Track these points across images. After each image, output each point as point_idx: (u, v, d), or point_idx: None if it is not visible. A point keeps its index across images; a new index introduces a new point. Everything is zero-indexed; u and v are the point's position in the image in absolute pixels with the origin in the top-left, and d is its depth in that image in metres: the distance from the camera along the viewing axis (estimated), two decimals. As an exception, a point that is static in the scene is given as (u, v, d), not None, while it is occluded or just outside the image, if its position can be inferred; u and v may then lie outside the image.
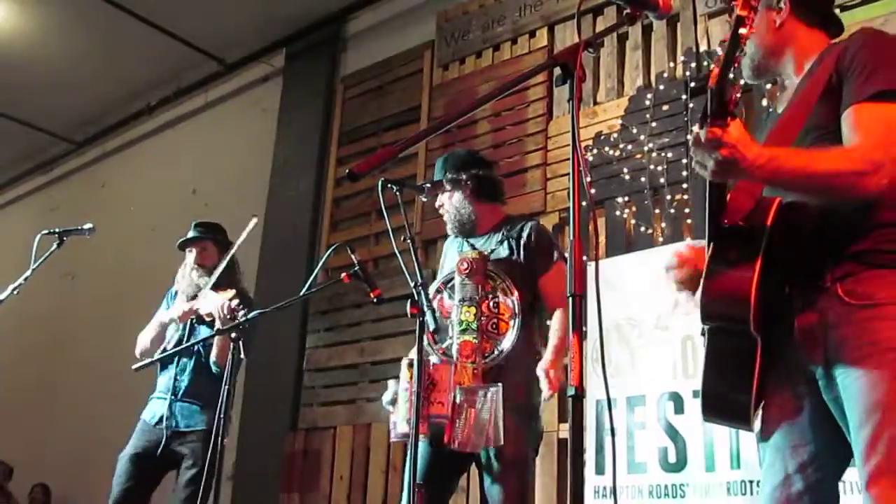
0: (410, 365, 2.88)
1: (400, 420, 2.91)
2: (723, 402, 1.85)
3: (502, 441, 2.79)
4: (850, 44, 1.84)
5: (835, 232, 1.76)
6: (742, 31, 1.51)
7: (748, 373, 1.78)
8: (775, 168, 1.65)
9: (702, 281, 1.79)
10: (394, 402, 2.98)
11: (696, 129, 1.62)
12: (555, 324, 3.05)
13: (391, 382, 3.04)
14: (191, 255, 4.11)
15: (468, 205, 3.20)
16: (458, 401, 2.82)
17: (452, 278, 3.10)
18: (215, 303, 3.61)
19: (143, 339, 4.01)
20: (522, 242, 3.11)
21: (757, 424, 1.88)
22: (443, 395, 2.81)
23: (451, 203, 3.22)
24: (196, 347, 3.88)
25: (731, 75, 1.58)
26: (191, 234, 4.18)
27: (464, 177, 3.20)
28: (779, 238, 1.75)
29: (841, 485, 1.85)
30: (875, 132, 1.70)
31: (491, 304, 3.03)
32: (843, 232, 1.75)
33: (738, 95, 1.52)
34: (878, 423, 1.62)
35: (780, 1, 1.97)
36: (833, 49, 1.89)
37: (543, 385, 2.86)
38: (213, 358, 3.80)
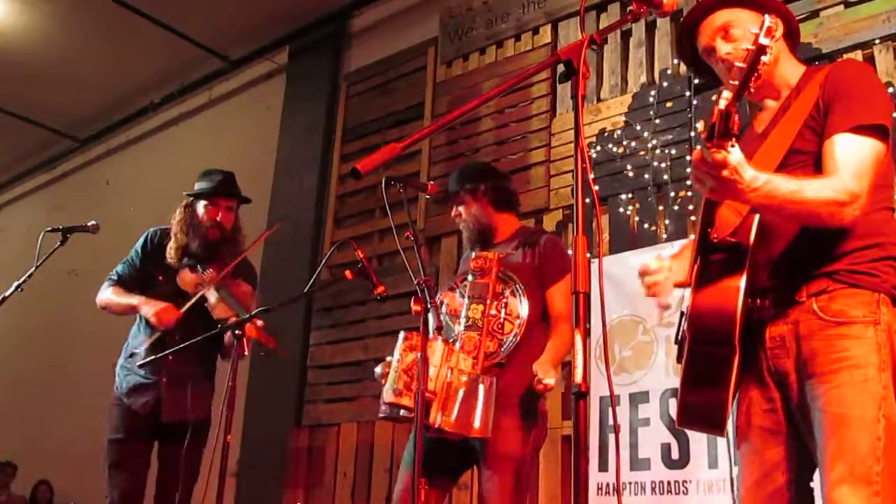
0: (406, 338, 2.88)
1: (387, 390, 2.84)
2: (700, 411, 1.94)
3: (490, 433, 2.77)
4: (835, 73, 1.94)
5: (812, 251, 1.88)
6: (764, 58, 1.51)
7: (725, 382, 1.86)
8: (768, 192, 1.71)
9: (690, 294, 1.88)
10: (385, 375, 2.93)
11: (699, 148, 1.66)
12: (558, 336, 2.97)
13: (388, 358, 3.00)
14: (205, 207, 3.60)
15: (486, 214, 3.22)
16: (448, 380, 2.80)
17: (467, 277, 3.13)
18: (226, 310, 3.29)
19: (108, 301, 3.61)
20: (538, 251, 3.11)
21: (730, 429, 1.98)
22: (433, 371, 2.77)
23: (469, 213, 3.24)
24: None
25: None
26: (220, 182, 3.58)
27: (482, 187, 3.23)
28: (757, 253, 1.86)
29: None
30: (851, 164, 1.80)
31: (500, 304, 3.03)
32: (820, 252, 1.87)
33: (738, 119, 1.55)
34: (844, 436, 1.75)
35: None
36: (815, 75, 1.98)
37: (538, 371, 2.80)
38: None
